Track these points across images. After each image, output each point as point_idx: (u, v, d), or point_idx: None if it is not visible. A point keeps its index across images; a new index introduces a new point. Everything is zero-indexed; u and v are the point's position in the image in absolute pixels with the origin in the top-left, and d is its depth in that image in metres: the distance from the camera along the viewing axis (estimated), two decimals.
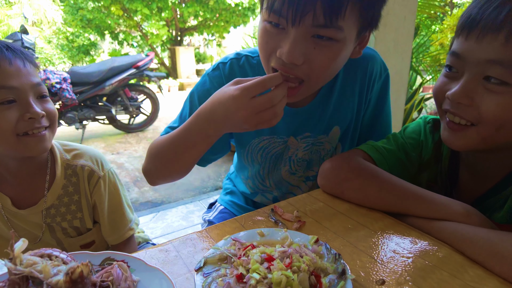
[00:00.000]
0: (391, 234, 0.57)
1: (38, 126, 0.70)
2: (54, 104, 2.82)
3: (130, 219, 0.90)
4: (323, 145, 0.81)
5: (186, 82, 9.05)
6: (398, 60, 2.44)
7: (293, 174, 0.86)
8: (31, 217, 0.79)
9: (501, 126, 0.54)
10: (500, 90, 0.52)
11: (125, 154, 3.74)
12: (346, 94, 0.76)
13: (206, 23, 9.25)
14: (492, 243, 0.49)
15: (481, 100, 0.54)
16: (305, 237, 0.53)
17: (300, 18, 0.53)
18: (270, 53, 0.60)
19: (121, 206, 0.88)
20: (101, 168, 0.84)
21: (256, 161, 0.84)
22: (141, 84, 4.49)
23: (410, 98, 2.99)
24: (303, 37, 0.56)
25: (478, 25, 0.53)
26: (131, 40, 9.80)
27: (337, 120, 0.78)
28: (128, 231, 0.88)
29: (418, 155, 0.75)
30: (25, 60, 0.70)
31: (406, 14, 2.36)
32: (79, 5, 8.40)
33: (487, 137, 0.56)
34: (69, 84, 3.73)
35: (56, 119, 0.76)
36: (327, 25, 0.54)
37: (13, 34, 3.63)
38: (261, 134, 0.79)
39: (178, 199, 2.67)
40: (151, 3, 7.75)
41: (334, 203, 0.68)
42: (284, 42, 0.56)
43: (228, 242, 0.52)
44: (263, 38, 0.60)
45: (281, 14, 0.55)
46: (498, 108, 0.53)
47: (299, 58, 0.56)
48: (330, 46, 0.57)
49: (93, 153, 0.85)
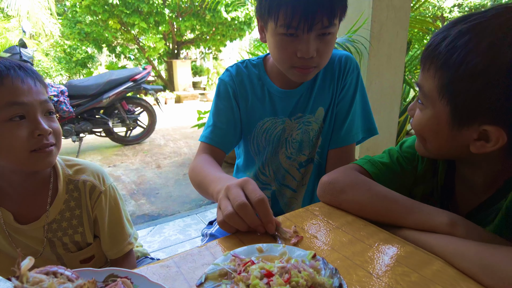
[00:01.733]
0: (386, 248, 0.59)
1: (47, 142, 0.72)
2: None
3: (130, 233, 0.91)
4: (311, 125, 0.94)
5: (182, 95, 9.10)
6: (391, 74, 2.50)
7: (289, 158, 0.97)
8: (33, 232, 0.80)
9: (422, 137, 0.66)
10: (420, 107, 0.64)
11: (121, 166, 3.74)
12: (327, 81, 0.93)
13: (203, 37, 9.38)
14: (482, 257, 0.51)
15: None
16: (303, 252, 0.54)
17: (311, 27, 0.73)
18: (291, 56, 0.79)
19: (121, 221, 0.89)
20: (103, 183, 0.86)
21: (261, 145, 0.97)
22: (138, 96, 4.52)
23: (403, 111, 3.04)
24: (314, 38, 0.76)
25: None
26: (128, 53, 9.89)
27: (321, 102, 0.93)
28: (127, 245, 0.89)
29: (413, 168, 0.78)
30: (36, 79, 0.73)
31: (399, 30, 2.42)
32: (77, 18, 8.50)
33: (424, 147, 0.67)
34: (66, 97, 3.75)
35: (61, 136, 0.78)
36: (329, 25, 0.75)
37: (11, 47, 3.66)
38: (264, 116, 0.95)
39: (175, 212, 2.66)
40: (149, 17, 7.86)
41: (331, 218, 0.70)
42: (301, 45, 0.76)
43: (228, 258, 0.53)
44: (281, 46, 0.79)
45: (298, 27, 0.73)
46: (414, 121, 0.66)
47: (314, 52, 0.77)
48: (329, 39, 0.78)
49: (95, 168, 0.87)
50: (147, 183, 3.26)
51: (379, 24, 2.31)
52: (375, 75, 2.45)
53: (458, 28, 0.55)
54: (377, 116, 2.57)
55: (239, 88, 0.94)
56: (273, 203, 1.04)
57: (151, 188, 3.14)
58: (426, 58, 0.61)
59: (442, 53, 0.56)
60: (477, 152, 0.58)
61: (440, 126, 0.61)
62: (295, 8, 0.71)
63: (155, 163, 3.87)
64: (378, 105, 2.49)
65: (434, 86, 0.59)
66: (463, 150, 0.61)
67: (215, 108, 0.97)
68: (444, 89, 0.57)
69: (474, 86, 0.53)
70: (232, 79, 0.94)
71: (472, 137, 0.57)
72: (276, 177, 1.01)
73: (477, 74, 0.52)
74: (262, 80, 0.94)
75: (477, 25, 0.54)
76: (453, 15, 11.85)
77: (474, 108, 0.55)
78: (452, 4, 12.06)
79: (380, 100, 2.49)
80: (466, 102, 0.55)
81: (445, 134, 0.60)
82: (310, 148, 0.96)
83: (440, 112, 0.59)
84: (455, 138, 0.60)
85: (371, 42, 2.31)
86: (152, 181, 3.32)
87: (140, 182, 3.28)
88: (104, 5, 7.39)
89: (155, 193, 3.04)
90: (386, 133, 2.63)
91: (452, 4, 12.07)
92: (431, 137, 0.64)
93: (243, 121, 0.97)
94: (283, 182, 1.01)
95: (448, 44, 0.55)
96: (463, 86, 0.54)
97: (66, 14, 8.94)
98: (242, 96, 0.95)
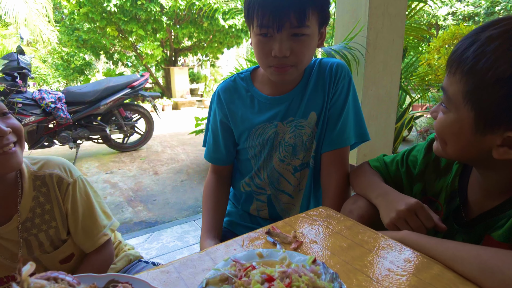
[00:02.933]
0: (385, 253, 0.59)
1: (7, 142, 0.72)
2: (48, 123, 2.82)
3: (104, 225, 0.91)
4: (304, 129, 0.96)
5: (180, 101, 9.11)
6: (387, 81, 2.52)
7: (282, 162, 0.99)
8: (8, 234, 0.80)
9: (443, 140, 0.66)
10: (443, 110, 0.64)
11: (118, 173, 3.72)
12: (318, 87, 0.95)
13: (200, 44, 9.42)
14: (481, 260, 0.51)
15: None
16: (303, 257, 0.54)
17: (281, 26, 0.77)
18: (267, 55, 0.82)
19: (93, 213, 0.89)
20: (70, 175, 0.86)
21: (257, 149, 1.00)
22: (135, 103, 4.52)
23: (400, 117, 3.06)
24: (286, 38, 0.79)
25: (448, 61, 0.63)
26: (126, 60, 9.91)
27: (313, 107, 0.95)
28: (102, 237, 0.89)
29: (412, 168, 0.84)
30: None
31: (395, 37, 2.46)
32: (75, 25, 8.52)
33: (443, 149, 0.67)
34: (63, 104, 3.74)
35: (22, 133, 0.78)
36: (299, 26, 0.78)
37: (9, 54, 3.66)
38: (256, 124, 0.97)
39: (172, 218, 2.65)
40: (146, 25, 7.90)
41: (330, 223, 0.70)
42: (274, 45, 0.80)
43: (229, 263, 0.53)
44: (259, 46, 0.83)
45: (268, 26, 0.78)
46: (437, 124, 0.66)
47: (286, 51, 0.80)
48: (304, 39, 0.81)
49: (60, 161, 0.87)
50: (144, 190, 3.25)
51: (375, 31, 2.34)
52: (372, 82, 2.47)
53: (488, 33, 0.55)
54: (374, 122, 2.59)
55: (227, 103, 0.98)
56: (269, 208, 1.05)
57: (148, 195, 3.12)
58: (452, 62, 0.60)
59: (470, 58, 0.56)
60: (499, 158, 0.57)
61: (462, 131, 0.60)
62: (266, 9, 0.76)
63: (152, 169, 3.86)
64: (375, 111, 2.51)
65: (459, 91, 0.58)
66: (483, 155, 0.60)
67: (210, 127, 1.06)
68: (470, 94, 0.57)
69: (500, 93, 0.53)
70: (220, 100, 0.99)
71: (495, 143, 0.57)
72: (270, 181, 1.02)
73: (505, 80, 0.52)
74: (250, 91, 0.97)
75: (507, 32, 0.54)
76: (447, 23, 12.02)
77: (499, 114, 0.55)
78: (446, 12, 12.24)
79: (376, 107, 2.51)
80: (492, 108, 0.55)
81: (467, 138, 0.60)
82: (304, 152, 0.97)
83: (464, 117, 0.59)
84: (477, 143, 0.60)
85: (367, 49, 2.33)
86: (150, 187, 3.31)
87: (137, 189, 3.27)
88: (102, 12, 7.43)
89: (152, 199, 3.02)
90: (383, 140, 2.64)
91: (446, 12, 12.25)
92: (452, 140, 0.64)
93: (236, 133, 1.01)
94: (278, 187, 1.02)
95: (476, 49, 0.55)
96: (489, 92, 0.54)
97: (64, 21, 8.95)
98: (231, 111, 0.98)
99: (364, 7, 2.28)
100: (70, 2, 7.28)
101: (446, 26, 11.59)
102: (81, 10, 7.34)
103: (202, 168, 3.89)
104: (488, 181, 0.67)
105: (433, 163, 0.80)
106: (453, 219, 0.73)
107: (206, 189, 1.06)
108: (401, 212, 0.68)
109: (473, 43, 0.56)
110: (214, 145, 1.04)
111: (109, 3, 7.02)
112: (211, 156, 1.05)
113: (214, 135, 1.03)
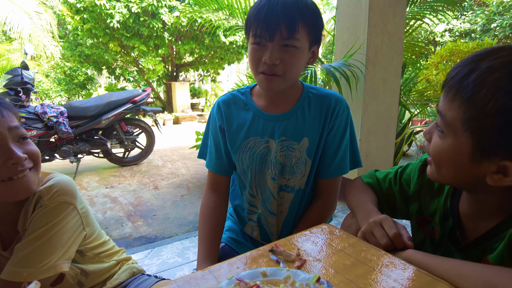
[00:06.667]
0: (389, 271, 0.59)
1: (22, 169, 0.71)
2: (50, 137, 2.81)
3: (52, 265, 0.74)
4: (295, 152, 0.97)
5: (181, 116, 9.18)
6: (387, 97, 2.55)
7: (273, 180, 0.99)
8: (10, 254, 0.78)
9: (438, 164, 0.66)
10: (440, 135, 0.64)
11: (119, 187, 3.71)
12: (316, 116, 0.98)
13: (202, 60, 9.56)
14: (486, 278, 0.51)
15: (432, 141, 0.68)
16: (307, 276, 0.54)
17: (273, 36, 0.83)
18: (258, 62, 0.87)
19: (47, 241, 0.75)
20: (52, 199, 0.76)
21: (245, 163, 1.01)
22: (137, 118, 4.55)
23: (400, 132, 3.08)
24: (276, 47, 0.85)
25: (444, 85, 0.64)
26: (127, 75, 10.02)
27: (307, 133, 0.97)
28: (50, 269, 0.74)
29: (406, 187, 0.85)
30: (4, 108, 0.71)
31: (393, 54, 2.50)
32: (78, 41, 8.67)
33: (437, 173, 0.67)
34: (65, 118, 3.77)
35: (39, 159, 0.76)
36: (289, 37, 0.83)
37: (13, 69, 3.71)
38: (248, 136, 0.99)
39: (172, 234, 2.62)
40: (148, 40, 8.04)
41: (333, 240, 0.70)
42: (266, 53, 0.85)
43: (232, 282, 0.53)
44: (252, 54, 0.88)
45: (261, 36, 0.84)
46: (432, 148, 0.66)
47: (276, 59, 0.85)
48: (293, 51, 0.86)
49: (59, 183, 0.79)
50: (144, 205, 3.23)
51: (374, 49, 2.38)
52: (371, 98, 2.50)
53: (489, 63, 0.56)
54: (374, 138, 2.60)
55: (225, 114, 1.00)
56: (260, 229, 1.06)
57: (148, 210, 3.10)
58: (451, 87, 0.61)
59: (470, 86, 0.57)
60: (493, 184, 0.58)
61: (459, 157, 0.61)
62: (260, 20, 0.83)
63: (153, 184, 3.85)
64: (375, 127, 2.53)
65: (458, 117, 0.59)
66: (476, 180, 0.61)
67: (210, 136, 1.07)
68: (469, 121, 0.57)
69: (500, 123, 0.54)
70: (219, 109, 1.02)
71: (490, 170, 0.58)
72: (262, 199, 1.02)
73: (505, 112, 0.53)
74: (248, 105, 1.00)
75: (508, 63, 0.55)
76: (444, 39, 12.22)
77: (497, 143, 0.56)
78: (443, 29, 12.46)
79: (377, 123, 2.52)
80: (491, 137, 0.56)
81: (463, 164, 0.61)
82: (290, 175, 0.99)
83: (461, 143, 0.60)
84: (472, 169, 0.60)
85: (367, 66, 2.37)
86: (150, 202, 3.29)
87: (137, 204, 3.25)
88: (105, 28, 7.57)
89: (152, 214, 3.00)
90: (384, 155, 2.65)
91: (443, 29, 12.47)
92: (448, 165, 0.64)
93: (229, 144, 1.02)
94: (268, 207, 1.02)
95: (476, 78, 0.56)
96: (489, 122, 0.55)
97: (67, 37, 9.12)
98: (228, 120, 1.00)
99: (363, 25, 2.32)
100: (74, 18, 7.43)
101: (443, 43, 11.79)
102: (84, 26, 7.49)
103: (202, 182, 3.88)
104: (477, 204, 0.68)
105: (427, 184, 0.81)
106: (449, 241, 0.73)
107: (204, 210, 1.03)
108: (368, 224, 0.72)
109: (473, 71, 0.57)
110: (216, 152, 1.04)
111: (112, 20, 7.17)
112: (214, 164, 1.04)
113: (216, 142, 1.04)
